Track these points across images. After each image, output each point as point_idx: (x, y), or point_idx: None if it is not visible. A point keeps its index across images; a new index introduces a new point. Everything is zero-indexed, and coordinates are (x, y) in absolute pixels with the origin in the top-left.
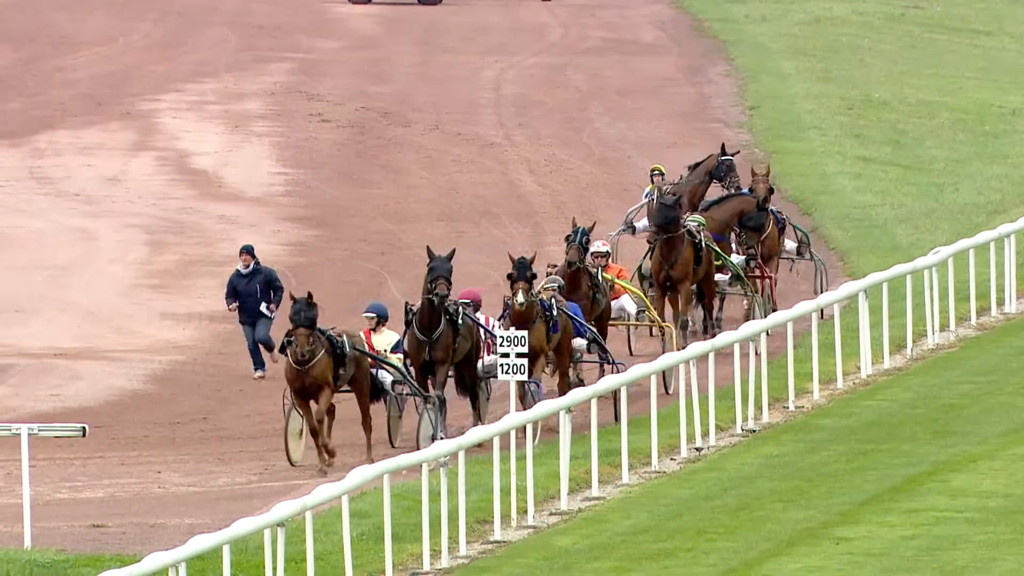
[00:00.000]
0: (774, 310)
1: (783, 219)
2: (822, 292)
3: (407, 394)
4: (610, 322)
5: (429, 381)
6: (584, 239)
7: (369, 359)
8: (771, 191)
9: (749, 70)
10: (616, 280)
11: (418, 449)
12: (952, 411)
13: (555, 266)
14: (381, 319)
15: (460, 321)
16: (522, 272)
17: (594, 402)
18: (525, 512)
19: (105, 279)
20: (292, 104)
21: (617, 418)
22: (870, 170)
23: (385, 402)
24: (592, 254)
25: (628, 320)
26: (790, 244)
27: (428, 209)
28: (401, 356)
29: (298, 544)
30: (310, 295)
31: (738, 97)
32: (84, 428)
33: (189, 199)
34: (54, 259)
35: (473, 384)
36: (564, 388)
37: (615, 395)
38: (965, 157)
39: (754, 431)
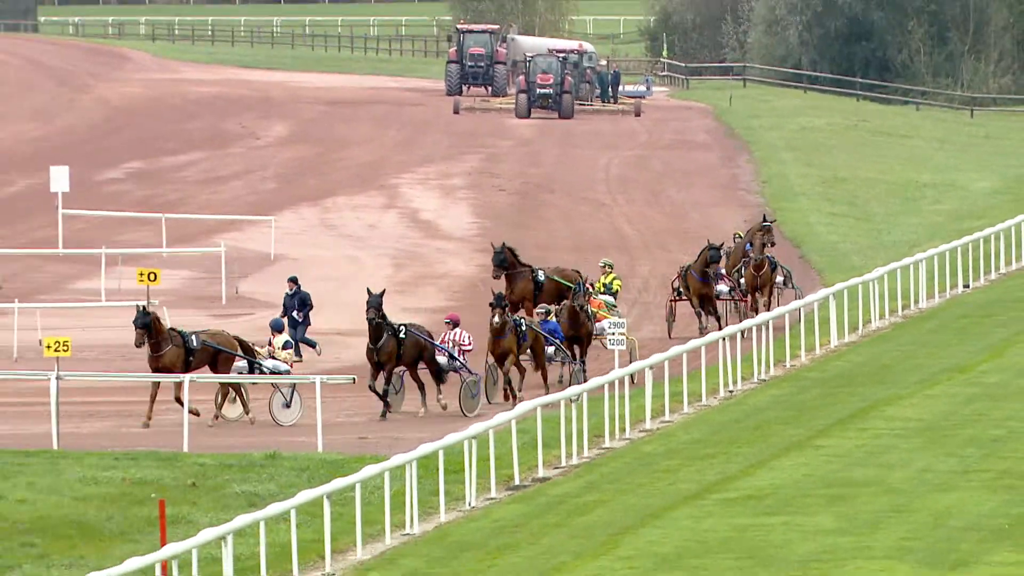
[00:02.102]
0: (764, 309)
1: (775, 262)
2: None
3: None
4: (594, 336)
5: (382, 373)
6: (584, 288)
7: (221, 350)
8: (766, 244)
9: (762, 159)
10: (597, 311)
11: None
12: (887, 368)
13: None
14: (275, 330)
15: (404, 335)
16: (498, 302)
17: (666, 364)
18: (624, 430)
19: (367, 287)
20: (481, 180)
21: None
22: (836, 221)
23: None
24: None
25: (605, 335)
26: (779, 278)
27: (565, 244)
28: (291, 352)
29: (484, 449)
30: (144, 307)
31: (755, 175)
32: (354, 378)
33: (418, 238)
34: (336, 275)
35: (438, 372)
36: (544, 375)
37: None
38: (895, 213)
39: (765, 380)
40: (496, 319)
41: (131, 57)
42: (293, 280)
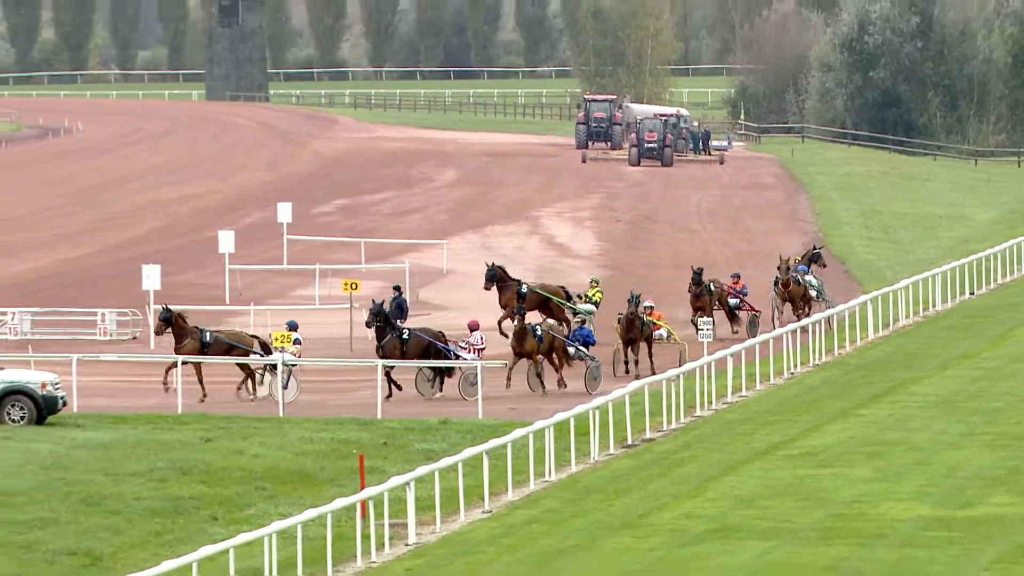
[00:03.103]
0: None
1: (799, 279)
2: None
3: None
4: (653, 340)
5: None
6: (638, 300)
7: (233, 344)
8: (791, 267)
9: (816, 197)
10: (655, 321)
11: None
12: (912, 356)
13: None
14: (291, 328)
15: (407, 337)
16: (518, 310)
17: (743, 352)
18: (711, 402)
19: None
20: (602, 213)
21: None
22: (872, 244)
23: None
24: (644, 307)
25: (663, 341)
26: (812, 292)
27: (666, 262)
28: (300, 347)
29: (605, 417)
30: (165, 306)
31: (811, 209)
32: (505, 363)
33: (554, 257)
34: None
35: (444, 367)
36: (562, 372)
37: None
38: (918, 238)
39: (818, 365)
40: (516, 324)
41: (339, 121)
42: (396, 288)
